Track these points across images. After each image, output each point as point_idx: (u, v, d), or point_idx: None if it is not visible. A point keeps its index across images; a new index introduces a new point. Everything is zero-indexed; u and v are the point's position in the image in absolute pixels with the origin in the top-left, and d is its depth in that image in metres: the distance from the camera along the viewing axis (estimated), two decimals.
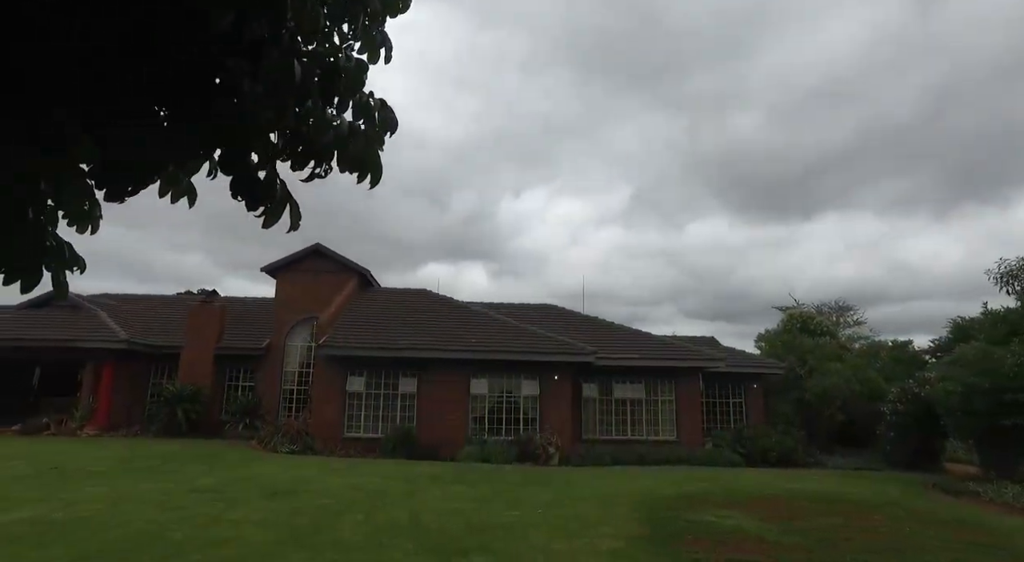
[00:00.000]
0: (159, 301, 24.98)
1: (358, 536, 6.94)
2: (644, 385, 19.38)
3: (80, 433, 17.68)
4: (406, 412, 17.21)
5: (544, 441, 16.34)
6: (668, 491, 11.15)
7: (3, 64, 1.91)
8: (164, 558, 5.74)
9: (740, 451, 17.48)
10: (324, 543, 6.56)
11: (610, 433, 19.08)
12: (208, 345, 20.00)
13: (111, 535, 6.43)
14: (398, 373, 17.43)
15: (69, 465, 11.40)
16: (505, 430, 17.30)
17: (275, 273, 21.19)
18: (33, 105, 1.98)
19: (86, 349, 18.87)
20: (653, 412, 19.23)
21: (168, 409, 18.40)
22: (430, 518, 8.14)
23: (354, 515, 8.04)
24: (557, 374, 17.69)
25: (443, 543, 6.82)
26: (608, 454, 16.69)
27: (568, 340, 18.46)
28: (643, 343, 20.43)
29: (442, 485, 11.02)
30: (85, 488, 8.98)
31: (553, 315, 22.53)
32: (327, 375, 17.23)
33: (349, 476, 11.56)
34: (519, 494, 10.44)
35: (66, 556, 5.65)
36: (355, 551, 6.33)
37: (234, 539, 6.48)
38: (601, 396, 19.39)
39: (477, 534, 7.34)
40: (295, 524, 7.35)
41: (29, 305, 20.83)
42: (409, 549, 6.48)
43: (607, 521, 8.30)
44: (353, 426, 17.06)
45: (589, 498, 10.19)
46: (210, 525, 7.09)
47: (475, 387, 17.55)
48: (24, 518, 7.03)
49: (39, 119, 1.99)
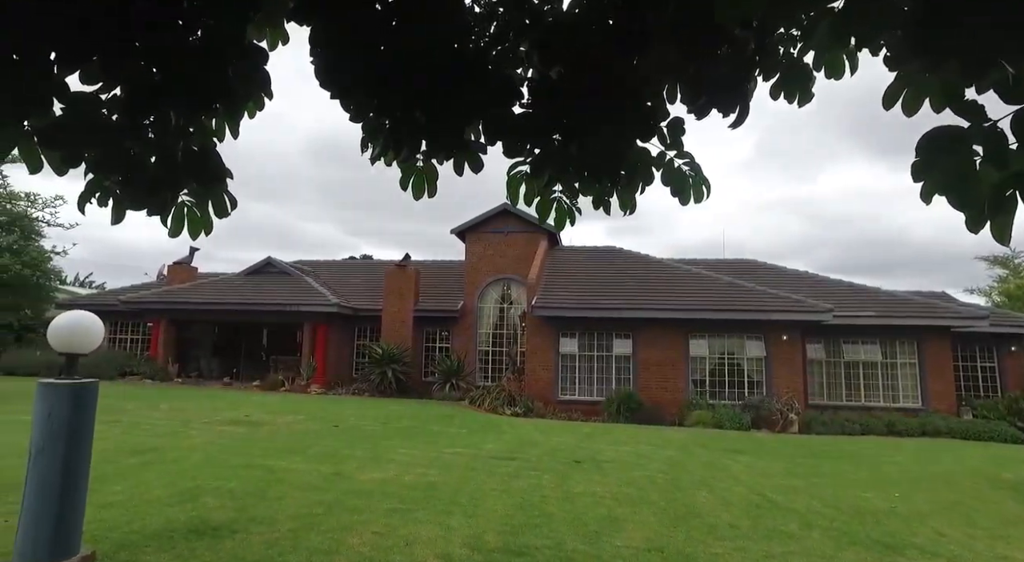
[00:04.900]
0: (339, 266, 26.19)
1: (730, 516, 6.09)
2: (879, 346, 17.15)
3: (308, 390, 18.86)
4: (622, 374, 16.45)
5: (783, 406, 14.89)
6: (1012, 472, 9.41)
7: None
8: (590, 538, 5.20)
9: (1020, 425, 14.88)
10: (705, 527, 5.77)
11: (840, 398, 17.21)
12: (407, 307, 20.45)
13: (489, 505, 6.06)
14: (611, 334, 16.64)
15: (340, 423, 11.80)
16: (728, 394, 16.04)
17: (463, 235, 21.11)
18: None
19: (303, 312, 20.01)
20: (891, 376, 17.01)
21: (379, 370, 19.10)
22: (778, 495, 7.16)
23: (695, 491, 7.25)
24: (786, 334, 16.00)
25: (849, 530, 5.78)
26: (854, 422, 14.92)
27: (797, 297, 16.62)
28: (872, 299, 18.05)
29: (725, 455, 10.05)
30: (398, 449, 8.99)
31: (756, 270, 20.61)
32: (539, 336, 16.84)
33: (614, 442, 10.94)
34: (830, 469, 9.22)
35: (494, 528, 5.27)
36: (754, 538, 5.46)
37: (628, 519, 5.86)
38: (829, 358, 17.45)
39: (871, 521, 6.23)
40: (651, 499, 6.67)
41: (247, 273, 22.51)
42: (808, 536, 5.51)
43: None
44: (567, 388, 16.62)
45: (931, 477, 8.76)
46: (569, 498, 6.58)
47: (694, 348, 16.35)
48: (382, 479, 6.93)
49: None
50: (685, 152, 2.62)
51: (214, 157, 2.47)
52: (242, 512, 5.42)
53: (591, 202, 2.81)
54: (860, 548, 5.30)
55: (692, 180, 2.68)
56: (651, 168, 2.61)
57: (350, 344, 21.63)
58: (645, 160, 2.59)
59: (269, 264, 22.54)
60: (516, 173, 2.83)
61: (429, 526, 5.24)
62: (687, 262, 20.82)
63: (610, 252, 20.94)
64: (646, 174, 2.60)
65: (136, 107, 2.26)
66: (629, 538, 5.25)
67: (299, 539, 4.74)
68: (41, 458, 3.58)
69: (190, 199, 2.70)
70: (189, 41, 2.26)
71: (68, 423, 3.67)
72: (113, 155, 2.36)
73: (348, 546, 4.64)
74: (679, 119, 2.57)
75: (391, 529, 5.10)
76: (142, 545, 4.47)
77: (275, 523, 5.14)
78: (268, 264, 22.52)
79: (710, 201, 23.87)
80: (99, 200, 2.58)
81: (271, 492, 6.18)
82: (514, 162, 2.80)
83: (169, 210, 2.64)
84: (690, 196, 2.70)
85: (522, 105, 2.65)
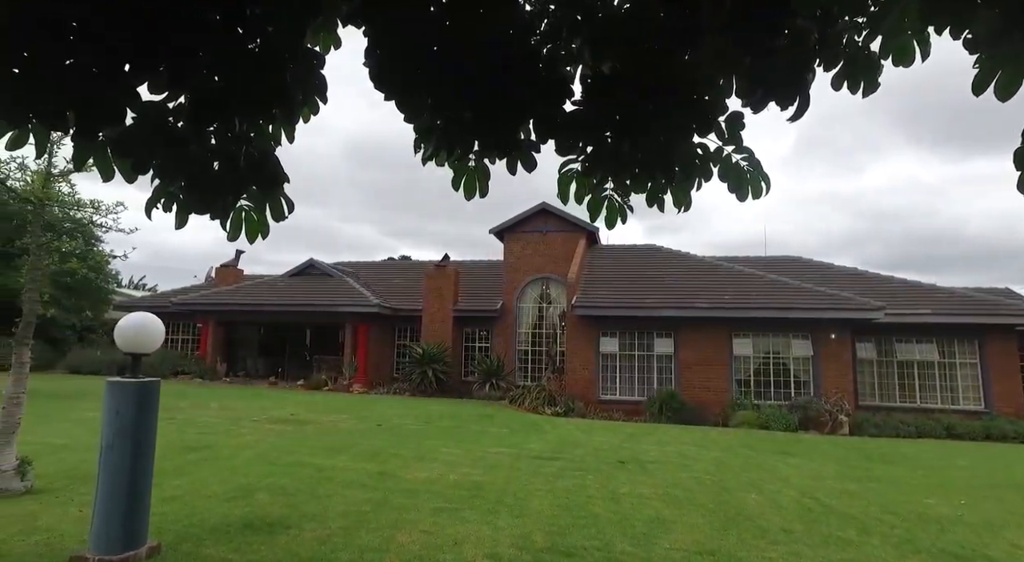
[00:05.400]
0: (379, 267, 26.59)
1: (782, 519, 5.91)
2: (935, 345, 16.42)
3: (351, 389, 19.23)
4: (663, 374, 16.21)
5: (833, 407, 14.40)
6: None
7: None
8: (636, 539, 5.14)
9: None
10: (756, 530, 5.61)
11: (892, 399, 16.56)
12: (446, 307, 20.62)
13: (535, 505, 6.05)
14: (652, 333, 16.41)
15: (383, 421, 11.98)
16: (774, 394, 15.61)
17: (502, 235, 21.15)
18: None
19: (344, 312, 20.40)
20: (950, 376, 16.26)
21: (420, 369, 19.31)
22: (832, 499, 6.92)
23: (744, 494, 7.07)
24: (834, 333, 15.47)
25: (912, 538, 5.53)
26: (909, 424, 14.32)
27: (846, 294, 16.05)
28: (928, 296, 17.30)
29: (773, 456, 9.77)
30: (441, 448, 9.07)
31: (801, 267, 20.01)
32: (580, 336, 16.74)
33: (658, 443, 10.77)
34: (886, 473, 8.87)
35: (541, 529, 5.27)
36: (809, 544, 5.27)
37: (676, 521, 5.76)
38: (880, 357, 16.81)
39: (936, 529, 5.94)
40: (698, 501, 6.53)
41: (290, 274, 23.10)
42: (867, 542, 5.28)
43: None
44: (608, 388, 16.47)
45: (1002, 485, 8.34)
46: (615, 498, 6.51)
47: (738, 347, 15.97)
48: (427, 478, 7.00)
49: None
50: (744, 147, 2.55)
51: (273, 161, 2.53)
52: (294, 509, 5.55)
53: (644, 199, 2.76)
54: (925, 557, 5.07)
55: (750, 175, 2.60)
56: (709, 164, 2.55)
57: (391, 344, 21.96)
58: (703, 156, 2.53)
59: (311, 266, 23.07)
60: (567, 172, 2.81)
61: (476, 525, 5.26)
62: (729, 260, 20.38)
63: (650, 250, 20.66)
64: (704, 170, 2.54)
65: (201, 114, 2.33)
66: (678, 540, 5.15)
67: (350, 536, 4.82)
68: (110, 453, 3.74)
69: (248, 203, 2.77)
70: (249, 48, 2.32)
71: (134, 420, 3.83)
72: (179, 161, 2.44)
73: (398, 544, 4.69)
74: (738, 113, 2.50)
75: (439, 528, 5.14)
76: (202, 538, 4.62)
77: (326, 520, 5.24)
78: (310, 266, 23.06)
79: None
80: (164, 206, 2.67)
81: (320, 489, 6.31)
82: (565, 160, 2.78)
83: (229, 214, 2.72)
84: (748, 192, 2.63)
85: (573, 103, 2.62)
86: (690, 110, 2.51)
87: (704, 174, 2.55)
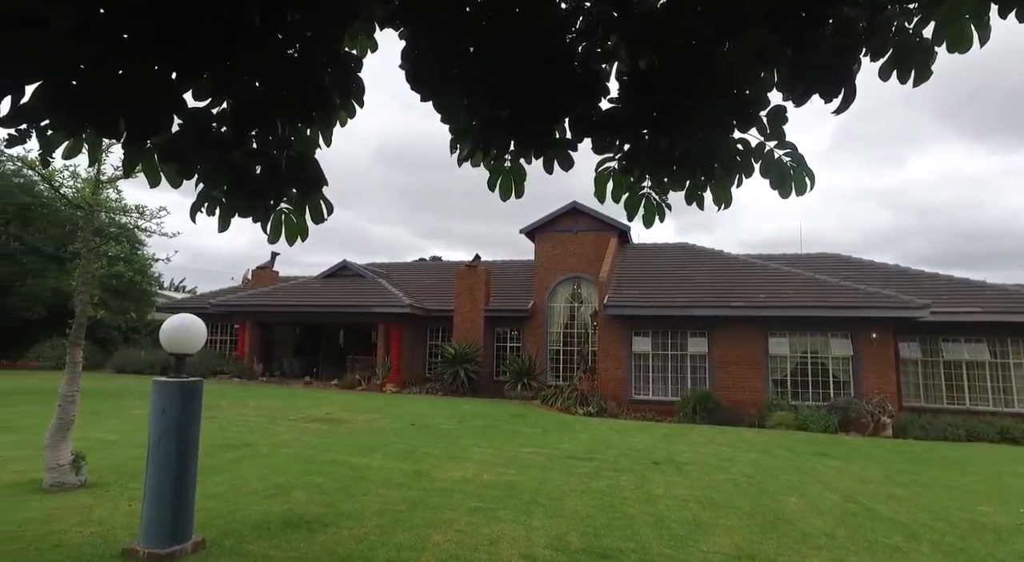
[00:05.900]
0: (410, 268, 26.82)
1: (824, 524, 5.74)
2: (986, 344, 15.76)
3: (384, 389, 19.46)
4: (697, 374, 15.96)
5: (875, 408, 13.96)
6: None
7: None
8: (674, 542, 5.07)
9: None
10: (797, 535, 5.46)
11: (939, 401, 15.96)
12: (477, 307, 20.70)
13: (569, 506, 6.02)
14: (685, 332, 16.17)
15: (416, 421, 12.08)
16: (812, 395, 15.21)
17: (532, 235, 21.12)
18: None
19: (377, 313, 20.66)
20: (1002, 378, 15.58)
21: (452, 369, 19.43)
22: (876, 504, 6.69)
23: (783, 496, 6.90)
24: (875, 331, 14.99)
25: (965, 547, 5.31)
26: (958, 426, 13.77)
27: (888, 292, 15.55)
28: (976, 294, 16.61)
29: (813, 458, 9.51)
30: (474, 448, 9.11)
31: (840, 265, 19.45)
32: (612, 335, 16.60)
33: (693, 444, 10.60)
34: (934, 477, 8.55)
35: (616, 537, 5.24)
36: (853, 550, 5.10)
37: (713, 524, 5.66)
38: (925, 357, 16.22)
39: (992, 538, 5.69)
40: (736, 504, 6.41)
41: (324, 276, 23.51)
42: (915, 550, 5.08)
43: None
44: (641, 388, 16.29)
45: None
46: (650, 500, 6.43)
47: (774, 347, 15.62)
48: (461, 477, 7.04)
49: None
50: (787, 142, 2.48)
51: (314, 164, 2.56)
52: (331, 507, 5.64)
53: (683, 197, 2.71)
54: None
55: (794, 171, 2.53)
56: (750, 160, 2.48)
57: (423, 344, 22.15)
58: (744, 151, 2.47)
59: (345, 267, 23.44)
60: (604, 170, 2.77)
61: (511, 525, 5.26)
62: (764, 258, 19.93)
63: (682, 249, 20.37)
64: (745, 166, 2.48)
65: (243, 119, 2.38)
66: (716, 544, 5.06)
67: (386, 535, 4.87)
68: (157, 450, 3.86)
69: (288, 206, 2.82)
70: (288, 53, 2.35)
71: (179, 418, 3.94)
72: (222, 166, 2.50)
73: (433, 543, 4.72)
74: (781, 107, 2.43)
75: (474, 527, 5.16)
76: (243, 534, 4.73)
77: (362, 518, 5.31)
78: (344, 267, 23.43)
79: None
80: (208, 209, 2.73)
81: (356, 488, 6.39)
82: (602, 158, 2.75)
83: (270, 217, 2.77)
84: (791, 188, 2.55)
85: (610, 100, 2.59)
86: (730, 105, 2.45)
87: (745, 170, 2.49)
